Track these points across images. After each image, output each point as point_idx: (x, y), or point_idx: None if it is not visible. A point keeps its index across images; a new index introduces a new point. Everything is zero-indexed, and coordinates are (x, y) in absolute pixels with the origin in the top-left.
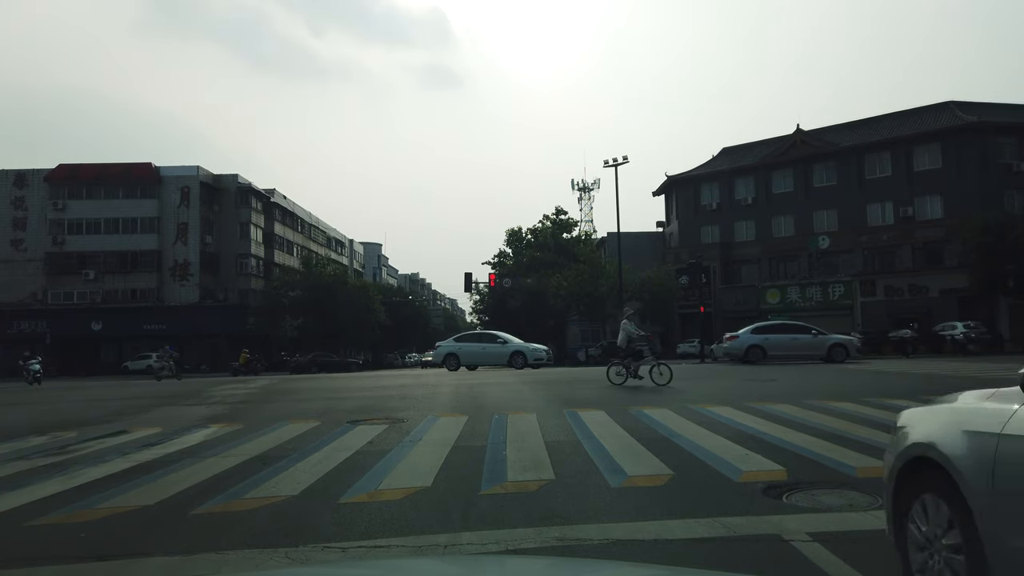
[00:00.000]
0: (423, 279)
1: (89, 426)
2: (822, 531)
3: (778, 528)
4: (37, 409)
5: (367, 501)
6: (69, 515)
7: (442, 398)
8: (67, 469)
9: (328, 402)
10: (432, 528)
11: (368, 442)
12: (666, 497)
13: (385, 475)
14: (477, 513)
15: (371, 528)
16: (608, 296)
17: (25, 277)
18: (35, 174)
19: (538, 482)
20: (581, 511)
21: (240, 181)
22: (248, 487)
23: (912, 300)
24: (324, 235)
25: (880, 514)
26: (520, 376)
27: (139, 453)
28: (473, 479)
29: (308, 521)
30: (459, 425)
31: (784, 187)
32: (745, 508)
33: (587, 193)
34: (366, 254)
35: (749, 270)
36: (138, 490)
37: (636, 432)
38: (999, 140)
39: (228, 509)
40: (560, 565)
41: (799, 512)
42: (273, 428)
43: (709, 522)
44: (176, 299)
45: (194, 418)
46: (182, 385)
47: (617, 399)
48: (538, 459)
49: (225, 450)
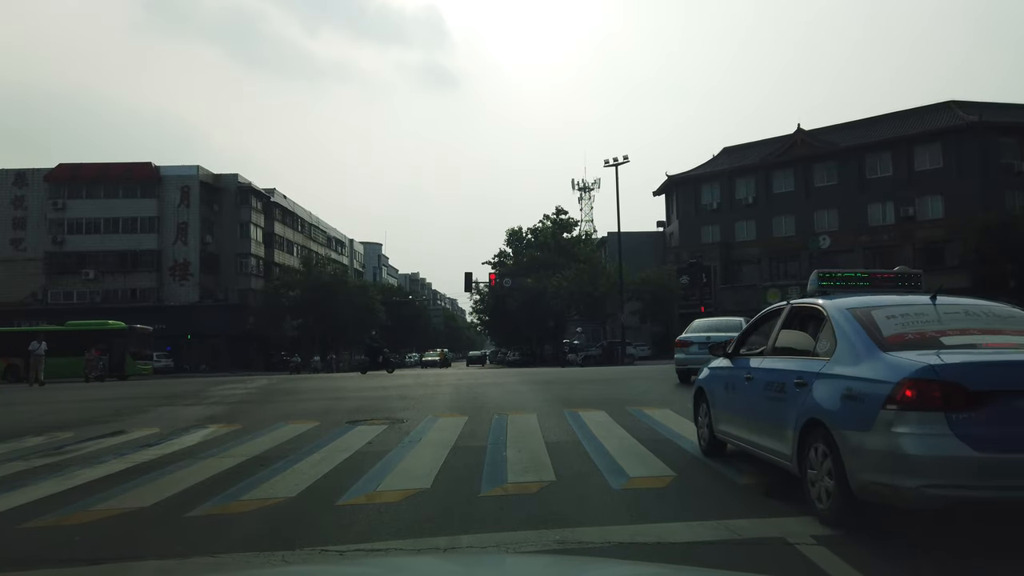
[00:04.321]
0: (423, 279)
1: (87, 426)
2: (827, 534)
3: (782, 531)
4: (35, 409)
5: (366, 503)
6: (63, 517)
7: (442, 398)
8: (63, 470)
9: (328, 402)
10: (431, 531)
11: (367, 443)
12: (668, 499)
13: (384, 476)
14: (477, 515)
15: (369, 530)
16: (608, 296)
17: (25, 277)
18: (35, 173)
19: (539, 483)
20: (582, 513)
21: (240, 181)
22: (245, 489)
23: None
24: (324, 235)
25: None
26: (520, 376)
27: (136, 454)
28: (473, 480)
29: (306, 523)
30: (459, 426)
31: (785, 187)
32: (748, 510)
33: (587, 193)
34: (366, 254)
35: (750, 270)
36: (134, 492)
37: (637, 433)
38: (1000, 140)
39: (225, 511)
40: (560, 563)
41: (804, 515)
42: (272, 429)
43: (712, 524)
44: (176, 299)
45: (193, 418)
46: (181, 385)
47: (618, 399)
48: (539, 460)
49: (223, 451)
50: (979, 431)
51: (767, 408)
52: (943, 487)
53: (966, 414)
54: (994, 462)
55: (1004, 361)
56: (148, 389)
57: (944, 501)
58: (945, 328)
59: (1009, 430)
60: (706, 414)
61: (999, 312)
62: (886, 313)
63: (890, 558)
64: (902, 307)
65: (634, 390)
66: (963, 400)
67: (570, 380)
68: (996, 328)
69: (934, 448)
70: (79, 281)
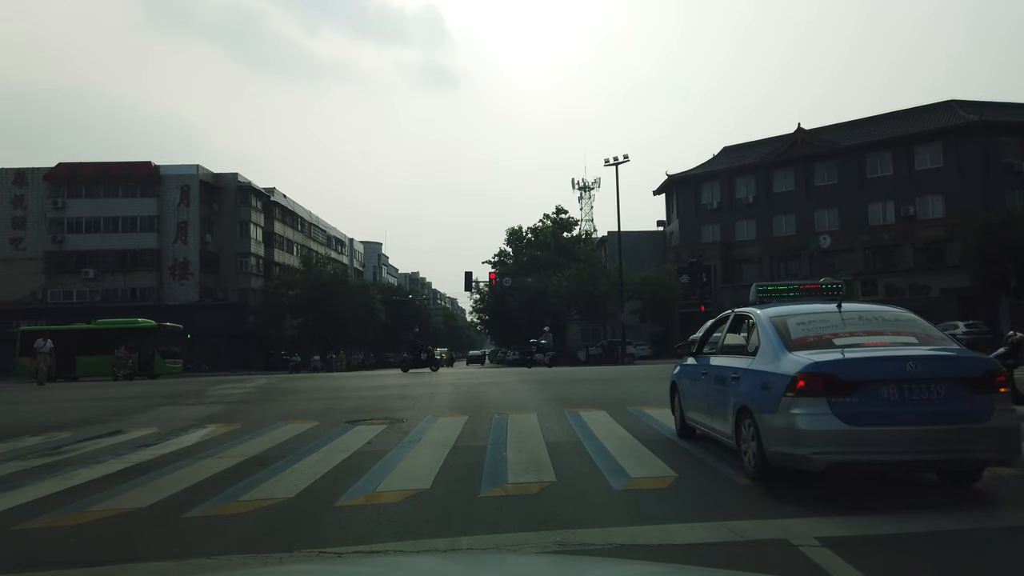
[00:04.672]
0: (423, 278)
1: (85, 426)
2: (831, 535)
3: (786, 532)
4: (35, 408)
5: (365, 504)
6: (59, 519)
7: (442, 398)
8: (60, 470)
9: (328, 402)
10: (431, 532)
11: (367, 443)
12: (670, 499)
13: (383, 477)
14: (477, 516)
15: (368, 532)
16: (608, 295)
17: (24, 276)
18: (35, 172)
19: (539, 484)
20: (583, 514)
21: (240, 180)
22: (243, 489)
23: (913, 299)
24: (324, 234)
25: (891, 516)
26: (520, 375)
27: (134, 454)
28: (473, 481)
29: (304, 525)
30: (459, 425)
31: (785, 186)
32: (751, 511)
33: (587, 192)
34: (366, 253)
35: (750, 269)
36: (131, 492)
37: (638, 432)
38: (1001, 139)
39: (222, 512)
40: (560, 562)
41: (806, 515)
42: (271, 429)
43: (714, 526)
44: (176, 298)
45: (191, 418)
46: (181, 384)
47: (618, 399)
48: (539, 460)
49: (221, 451)
50: (850, 411)
51: (716, 398)
52: (825, 454)
53: (842, 398)
54: (860, 434)
55: (869, 357)
56: (148, 388)
57: (826, 464)
58: (839, 332)
59: (871, 409)
60: (678, 404)
61: (887, 316)
62: (797, 320)
63: (898, 560)
64: (811, 315)
65: (634, 390)
66: (839, 388)
67: (570, 380)
68: (879, 330)
69: (818, 424)
70: (79, 280)
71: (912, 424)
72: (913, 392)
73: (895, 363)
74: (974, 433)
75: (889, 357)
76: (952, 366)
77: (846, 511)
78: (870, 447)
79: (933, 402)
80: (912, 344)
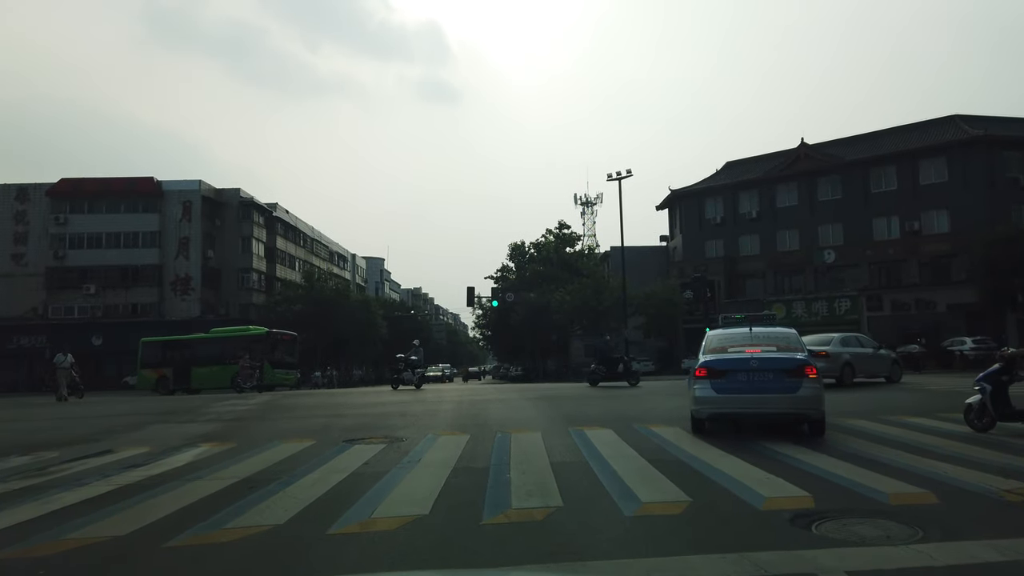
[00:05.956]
0: (425, 293)
1: (75, 445)
2: (861, 569)
3: (814, 566)
4: (28, 426)
5: (359, 532)
6: (28, 549)
7: (443, 415)
8: (42, 493)
9: (326, 420)
10: (429, 563)
11: (364, 463)
12: (685, 527)
13: (380, 501)
14: (478, 547)
15: (362, 563)
16: (611, 311)
17: (25, 292)
18: (37, 188)
19: (544, 510)
20: (592, 544)
21: (242, 195)
22: (231, 515)
23: (919, 315)
24: (326, 249)
25: (921, 547)
26: (522, 392)
27: (121, 475)
28: (475, 506)
29: (293, 555)
30: (460, 445)
31: (789, 201)
32: (773, 541)
33: (590, 207)
34: (368, 268)
35: (754, 284)
36: (112, 518)
37: (647, 453)
38: (1005, 153)
39: (206, 541)
40: None
41: (833, 546)
42: (266, 448)
43: (736, 558)
44: (177, 314)
45: (185, 436)
46: (179, 402)
47: (624, 416)
48: (544, 483)
49: (212, 472)
50: (720, 386)
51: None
52: (707, 410)
53: (717, 380)
54: (722, 398)
55: (732, 358)
56: (146, 406)
57: (707, 415)
58: (735, 344)
59: (731, 386)
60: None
61: (773, 335)
62: (719, 337)
63: None
64: (728, 334)
65: (640, 406)
66: (715, 375)
67: (574, 396)
68: (760, 344)
69: (704, 393)
70: (80, 296)
71: (752, 393)
72: (753, 377)
73: (745, 361)
74: (787, 399)
75: (743, 358)
76: (777, 363)
77: (873, 541)
78: (728, 405)
79: (764, 382)
80: (771, 350)
